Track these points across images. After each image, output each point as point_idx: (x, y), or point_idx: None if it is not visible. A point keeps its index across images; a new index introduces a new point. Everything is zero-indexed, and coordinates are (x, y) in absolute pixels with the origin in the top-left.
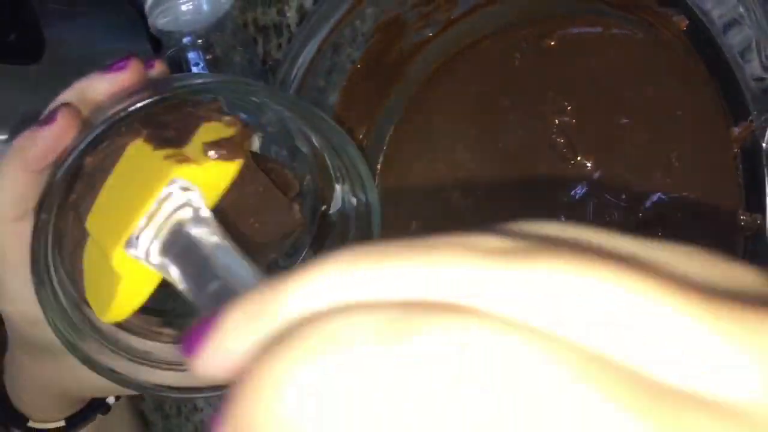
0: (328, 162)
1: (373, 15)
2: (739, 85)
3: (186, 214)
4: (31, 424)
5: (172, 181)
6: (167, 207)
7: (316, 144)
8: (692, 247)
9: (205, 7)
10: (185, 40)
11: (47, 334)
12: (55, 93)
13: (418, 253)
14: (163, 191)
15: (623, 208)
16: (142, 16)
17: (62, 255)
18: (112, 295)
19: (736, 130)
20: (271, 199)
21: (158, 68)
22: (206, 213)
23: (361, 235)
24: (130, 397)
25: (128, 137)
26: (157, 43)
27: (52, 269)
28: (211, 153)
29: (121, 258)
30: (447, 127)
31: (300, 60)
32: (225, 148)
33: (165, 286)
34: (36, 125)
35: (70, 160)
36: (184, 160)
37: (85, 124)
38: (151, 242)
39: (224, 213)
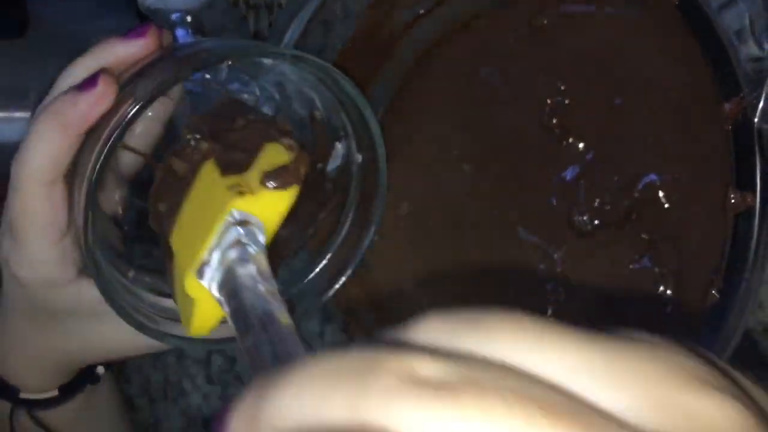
0: (330, 120)
1: None
2: (731, 62)
3: (235, 253)
4: (23, 395)
5: (232, 213)
6: (226, 241)
7: (318, 103)
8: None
9: None
10: (174, 17)
11: (62, 297)
12: (42, 68)
13: (355, 377)
14: (224, 223)
15: (615, 189)
16: None
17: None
18: (190, 313)
19: (727, 106)
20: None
21: (166, 37)
22: (254, 250)
23: (367, 189)
24: (116, 382)
25: (202, 152)
26: (145, 21)
27: (91, 232)
28: (268, 183)
29: (193, 284)
30: (438, 108)
31: (286, 38)
32: (281, 177)
33: None
34: (75, 89)
35: (120, 128)
36: (242, 191)
37: (122, 92)
38: (213, 276)
39: None
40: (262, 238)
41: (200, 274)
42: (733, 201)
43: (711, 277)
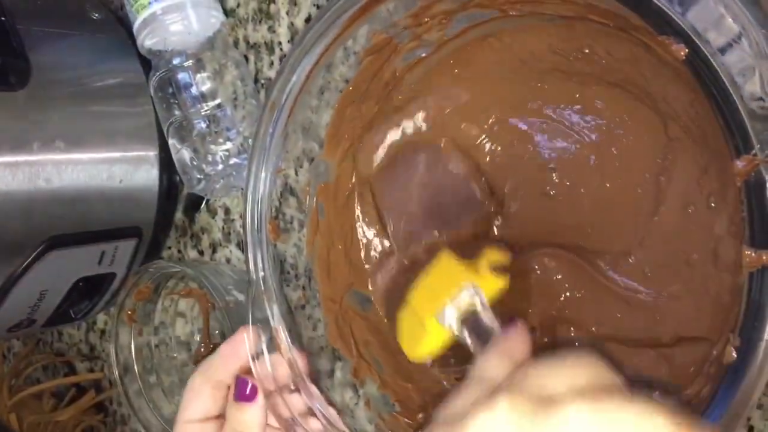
0: None
1: (365, 35)
2: (741, 114)
3: (477, 304)
4: None
5: (467, 283)
6: (464, 297)
7: None
8: None
9: (194, 26)
10: (175, 61)
11: None
12: (45, 115)
13: None
14: (463, 287)
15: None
16: (131, 37)
17: None
18: (420, 342)
19: (739, 164)
20: None
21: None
22: (487, 306)
23: None
24: None
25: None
26: (147, 64)
27: None
28: (494, 271)
29: (431, 323)
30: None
31: (293, 79)
32: (501, 271)
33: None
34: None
35: None
36: (477, 272)
37: None
38: (454, 318)
39: None
40: (484, 299)
41: (439, 317)
42: (747, 259)
43: (728, 334)
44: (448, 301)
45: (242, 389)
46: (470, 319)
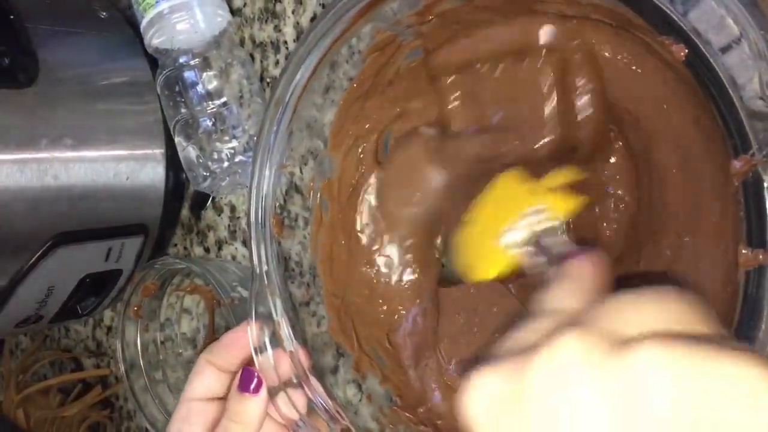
0: None
1: (369, 33)
2: (740, 115)
3: (545, 226)
4: None
5: (536, 205)
6: (531, 219)
7: None
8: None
9: (201, 24)
10: (182, 59)
11: None
12: (53, 113)
13: None
14: (529, 208)
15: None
16: (139, 35)
17: None
18: (483, 264)
19: (736, 164)
20: None
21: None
22: (558, 226)
23: None
24: None
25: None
26: (154, 62)
27: None
28: (566, 190)
29: (495, 246)
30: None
31: (297, 77)
32: (574, 190)
33: None
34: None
35: None
36: (545, 193)
37: None
38: (519, 239)
39: None
40: (554, 220)
41: (503, 238)
42: (743, 259)
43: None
44: (512, 224)
45: (247, 381)
46: (539, 243)
